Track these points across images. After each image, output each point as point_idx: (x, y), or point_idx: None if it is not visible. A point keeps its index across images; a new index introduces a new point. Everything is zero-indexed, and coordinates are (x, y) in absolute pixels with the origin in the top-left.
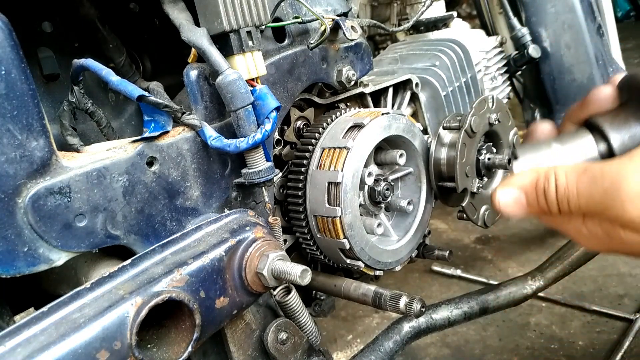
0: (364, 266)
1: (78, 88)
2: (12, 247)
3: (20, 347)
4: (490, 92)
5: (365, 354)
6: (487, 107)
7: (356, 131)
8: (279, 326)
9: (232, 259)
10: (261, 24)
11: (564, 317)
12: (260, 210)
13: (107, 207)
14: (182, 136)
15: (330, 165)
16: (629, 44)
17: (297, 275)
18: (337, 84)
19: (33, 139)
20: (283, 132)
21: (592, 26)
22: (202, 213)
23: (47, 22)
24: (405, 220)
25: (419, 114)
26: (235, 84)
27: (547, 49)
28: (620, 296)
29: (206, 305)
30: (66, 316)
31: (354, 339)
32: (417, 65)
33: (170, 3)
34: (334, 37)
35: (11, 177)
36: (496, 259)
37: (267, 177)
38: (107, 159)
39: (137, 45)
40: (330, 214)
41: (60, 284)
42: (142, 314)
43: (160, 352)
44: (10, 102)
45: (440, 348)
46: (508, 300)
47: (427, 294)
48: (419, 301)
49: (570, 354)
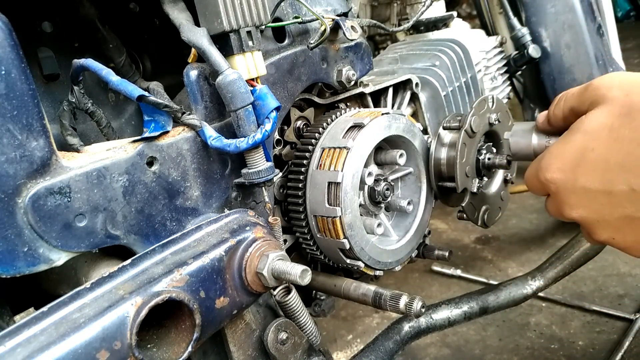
0: (364, 266)
1: (78, 88)
2: (12, 247)
3: (20, 347)
4: (490, 92)
5: (365, 353)
6: (487, 107)
7: (356, 131)
8: (279, 326)
9: (232, 259)
10: (261, 24)
11: (564, 317)
12: (260, 210)
13: (107, 207)
14: (182, 136)
15: (330, 165)
16: (629, 44)
17: (297, 275)
18: (337, 84)
19: (33, 139)
20: (283, 132)
21: (592, 26)
22: (202, 213)
23: (47, 22)
24: (405, 220)
25: (419, 113)
26: (235, 84)
27: (547, 49)
28: (620, 296)
29: (206, 305)
30: (66, 316)
31: (354, 339)
32: (417, 65)
33: (170, 3)
34: (334, 37)
35: (11, 177)
36: (496, 259)
37: (267, 177)
38: (107, 159)
39: (137, 45)
40: (330, 214)
41: (60, 284)
42: (142, 314)
43: (160, 352)
44: (10, 102)
45: (440, 348)
46: (508, 300)
47: (427, 294)
48: (419, 301)
49: (571, 354)
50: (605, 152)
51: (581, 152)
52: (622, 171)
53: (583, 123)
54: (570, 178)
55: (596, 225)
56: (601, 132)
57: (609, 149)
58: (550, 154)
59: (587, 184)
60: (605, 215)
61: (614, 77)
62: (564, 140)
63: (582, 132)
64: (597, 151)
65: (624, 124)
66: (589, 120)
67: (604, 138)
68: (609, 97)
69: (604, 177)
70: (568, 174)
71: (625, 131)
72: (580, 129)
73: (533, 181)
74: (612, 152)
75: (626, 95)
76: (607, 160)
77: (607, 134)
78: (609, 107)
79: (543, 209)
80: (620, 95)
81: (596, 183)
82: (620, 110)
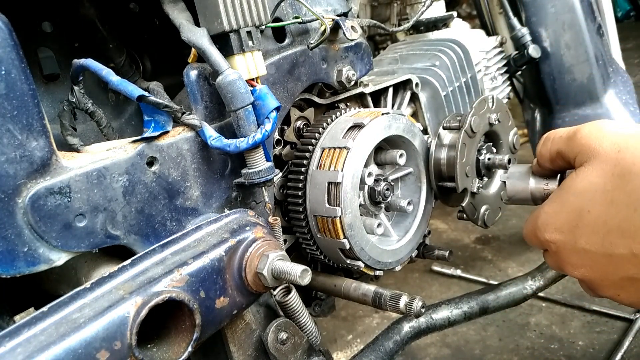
0: (364, 266)
1: (78, 88)
2: (12, 247)
3: (20, 347)
4: (490, 92)
5: (365, 353)
6: (487, 107)
7: (356, 131)
8: (279, 326)
9: (232, 259)
10: (261, 24)
11: (564, 317)
12: (260, 210)
13: (107, 207)
14: (182, 136)
15: (330, 165)
16: (629, 44)
17: (297, 275)
18: (337, 84)
19: (33, 139)
20: (283, 132)
21: (592, 26)
22: (202, 213)
23: (47, 22)
24: (405, 220)
25: (419, 114)
26: (235, 84)
27: (547, 49)
28: None
29: (206, 305)
30: (66, 316)
31: (354, 339)
32: (417, 65)
33: (170, 3)
34: (334, 37)
35: (11, 177)
36: (496, 259)
37: (267, 177)
38: (107, 159)
39: (137, 45)
40: (330, 214)
41: (60, 284)
42: (142, 314)
43: (160, 352)
44: (10, 102)
45: (440, 348)
46: (508, 300)
47: (427, 294)
48: (419, 301)
49: (571, 353)
50: (603, 215)
51: (577, 214)
52: (621, 236)
53: (574, 182)
54: (569, 239)
55: (600, 283)
56: (595, 194)
57: (605, 212)
58: (546, 214)
59: (587, 246)
60: (609, 275)
61: (604, 129)
62: (558, 200)
63: (575, 194)
64: (593, 213)
65: (618, 187)
66: (581, 179)
67: (598, 200)
68: (599, 152)
69: (604, 240)
70: (567, 235)
71: (620, 195)
72: (572, 187)
73: (532, 239)
74: (609, 216)
75: (618, 152)
76: (605, 223)
77: (602, 197)
78: (601, 166)
79: None
80: (612, 152)
81: (597, 245)
82: (613, 170)
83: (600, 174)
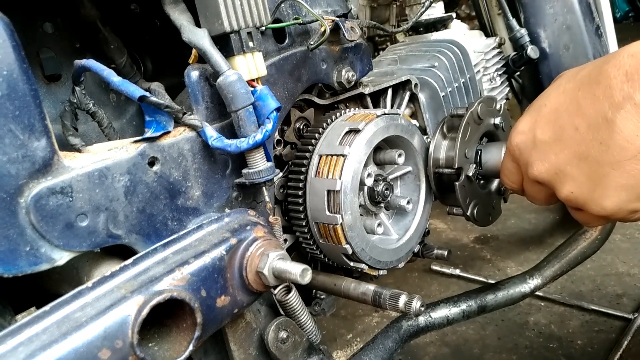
0: (367, 268)
1: (79, 88)
2: (14, 246)
3: (22, 346)
4: (489, 93)
5: (364, 352)
6: (495, 106)
7: (352, 136)
8: (280, 325)
9: (233, 258)
10: (262, 24)
11: (563, 317)
12: (261, 209)
13: (108, 206)
14: (183, 136)
15: (328, 173)
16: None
17: (298, 274)
18: (337, 85)
19: (35, 139)
20: (283, 133)
21: (590, 27)
22: (203, 212)
23: (48, 23)
24: (404, 219)
25: (418, 114)
26: (236, 84)
27: (545, 50)
28: (618, 295)
29: (207, 304)
30: (68, 315)
31: (354, 337)
32: (417, 66)
33: (171, 4)
34: (334, 38)
35: (13, 177)
36: (495, 258)
37: (267, 177)
38: (109, 159)
39: (138, 46)
40: (331, 222)
41: (62, 283)
42: (143, 312)
43: (161, 351)
44: (12, 102)
45: (440, 347)
46: (506, 299)
47: (426, 293)
48: (418, 300)
49: (569, 353)
50: (555, 104)
51: (537, 111)
52: (567, 116)
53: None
54: (529, 137)
55: (555, 178)
56: (551, 90)
57: (556, 101)
58: (515, 125)
59: (542, 136)
60: (560, 163)
61: None
62: (526, 110)
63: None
64: (549, 105)
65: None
66: (545, 90)
67: (553, 94)
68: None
69: (555, 125)
70: (528, 133)
71: (569, 85)
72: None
73: (505, 164)
74: (559, 102)
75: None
76: (556, 110)
77: (556, 91)
78: (558, 80)
79: (541, 208)
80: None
81: (550, 133)
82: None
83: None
